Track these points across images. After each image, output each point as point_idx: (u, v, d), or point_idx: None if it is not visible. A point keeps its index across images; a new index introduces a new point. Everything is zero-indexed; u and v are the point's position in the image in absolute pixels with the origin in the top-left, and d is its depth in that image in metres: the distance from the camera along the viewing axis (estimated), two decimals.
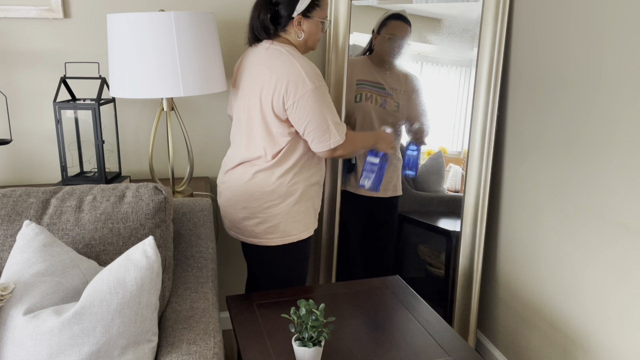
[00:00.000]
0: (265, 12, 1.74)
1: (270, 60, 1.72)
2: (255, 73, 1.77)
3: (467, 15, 2.09)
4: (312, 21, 1.77)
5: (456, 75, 2.14)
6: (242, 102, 1.83)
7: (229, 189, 1.86)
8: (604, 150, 1.60)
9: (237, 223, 1.86)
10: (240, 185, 1.82)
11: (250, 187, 1.79)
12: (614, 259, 1.59)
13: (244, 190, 1.80)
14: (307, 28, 1.78)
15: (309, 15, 1.76)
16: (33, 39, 2.12)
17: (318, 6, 1.77)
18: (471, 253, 2.21)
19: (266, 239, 1.83)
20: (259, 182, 1.79)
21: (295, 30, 1.77)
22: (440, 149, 2.22)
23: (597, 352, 1.69)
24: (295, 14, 1.74)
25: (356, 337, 1.56)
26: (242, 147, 1.84)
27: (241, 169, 1.83)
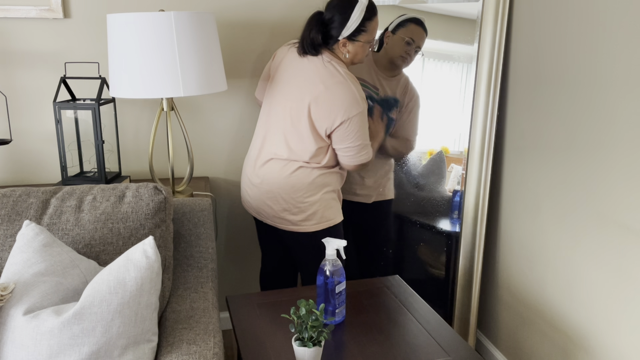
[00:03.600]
0: (317, 31, 1.83)
1: (327, 76, 1.82)
2: (308, 81, 1.84)
3: (467, 14, 2.09)
4: (358, 44, 1.87)
5: (457, 72, 2.14)
6: (285, 106, 1.89)
7: (267, 182, 1.92)
8: (604, 150, 1.60)
9: (277, 214, 1.94)
10: (281, 179, 1.89)
11: (292, 180, 1.88)
12: (614, 258, 1.59)
13: (285, 183, 1.89)
14: (352, 49, 1.88)
15: (355, 39, 1.85)
16: (33, 39, 2.12)
17: (364, 31, 1.85)
18: (471, 253, 2.21)
19: (306, 225, 1.93)
20: (300, 176, 1.89)
21: (340, 50, 1.87)
22: (442, 149, 2.21)
23: (597, 352, 1.69)
24: (340, 38, 1.84)
25: (356, 337, 1.56)
26: (278, 145, 1.90)
27: (279, 164, 1.90)
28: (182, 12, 1.78)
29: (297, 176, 1.88)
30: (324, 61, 1.84)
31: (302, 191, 1.89)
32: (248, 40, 2.29)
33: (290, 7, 2.29)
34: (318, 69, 1.84)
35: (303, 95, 1.84)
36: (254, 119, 2.38)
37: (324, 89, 1.80)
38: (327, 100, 1.80)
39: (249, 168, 2.00)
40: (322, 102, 1.81)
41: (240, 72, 2.32)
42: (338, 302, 1.60)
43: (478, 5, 2.05)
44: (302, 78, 1.85)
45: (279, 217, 1.94)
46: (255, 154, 1.98)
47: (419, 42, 2.18)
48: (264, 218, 2.00)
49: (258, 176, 1.95)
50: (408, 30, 2.19)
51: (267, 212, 1.96)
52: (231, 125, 2.36)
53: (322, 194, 1.92)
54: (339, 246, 1.56)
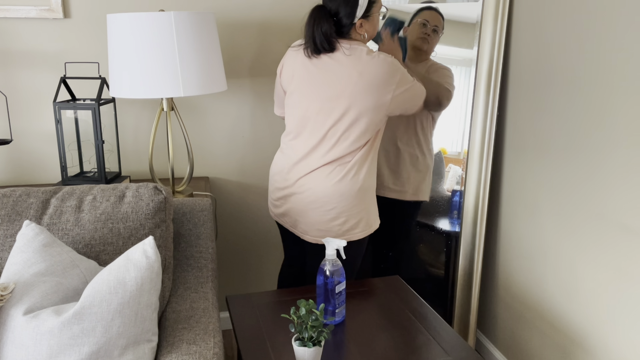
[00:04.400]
0: (328, 25, 1.75)
1: (356, 63, 1.75)
2: (340, 76, 1.76)
3: (467, 15, 2.09)
4: (372, 17, 1.81)
5: (457, 76, 2.14)
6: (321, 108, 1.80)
7: (311, 191, 1.82)
8: (604, 150, 1.60)
9: (320, 225, 1.84)
10: (329, 186, 1.80)
11: (341, 187, 1.80)
12: (614, 258, 1.59)
13: (334, 190, 1.80)
14: (369, 27, 1.82)
15: (369, 15, 1.79)
16: (33, 39, 2.12)
17: (374, 2, 1.79)
18: (471, 253, 2.21)
19: (350, 234, 1.86)
20: (350, 181, 1.81)
21: (358, 32, 1.81)
22: (440, 150, 2.22)
23: (597, 352, 1.69)
24: (356, 20, 1.77)
25: (356, 337, 1.56)
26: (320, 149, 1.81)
27: (325, 171, 1.81)
28: (182, 12, 1.78)
29: (346, 183, 1.80)
30: (344, 51, 1.77)
31: (351, 198, 1.81)
32: (248, 40, 2.29)
33: (290, 7, 2.29)
34: (343, 60, 1.76)
35: (341, 91, 1.75)
36: (254, 119, 2.38)
37: (359, 76, 1.73)
38: (368, 84, 1.73)
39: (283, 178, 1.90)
40: (364, 88, 1.73)
41: (240, 72, 2.32)
42: (338, 302, 1.60)
43: (478, 7, 2.05)
44: (329, 75, 1.78)
45: (320, 228, 1.85)
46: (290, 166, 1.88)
47: (435, 22, 2.17)
48: (300, 233, 1.90)
49: (302, 185, 1.85)
50: (421, 16, 2.20)
51: (306, 224, 1.87)
52: (231, 125, 2.36)
53: (367, 199, 1.86)
54: (339, 246, 1.56)
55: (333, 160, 1.81)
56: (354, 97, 1.75)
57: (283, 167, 1.90)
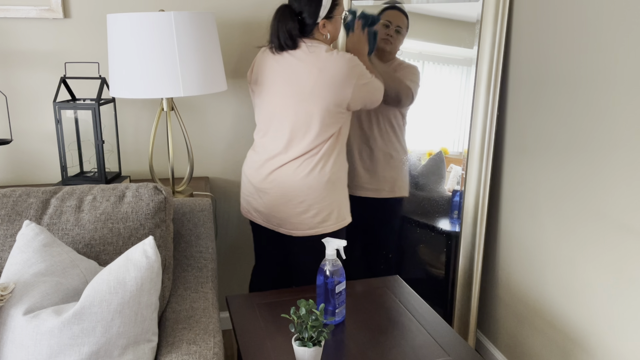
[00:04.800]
0: (292, 23, 1.82)
1: (316, 60, 1.81)
2: (299, 75, 1.82)
3: (467, 14, 2.09)
4: (335, 19, 1.88)
5: (457, 75, 2.14)
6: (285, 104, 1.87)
7: (281, 186, 1.89)
8: (604, 150, 1.60)
9: (292, 218, 1.90)
10: (297, 180, 1.87)
11: (309, 180, 1.86)
12: (614, 258, 1.59)
13: (302, 184, 1.86)
14: (331, 27, 1.89)
15: (331, 16, 1.86)
16: (33, 39, 2.12)
17: (337, 5, 1.87)
18: (471, 253, 2.21)
19: (323, 227, 1.90)
20: (317, 173, 1.87)
21: (320, 32, 1.87)
22: (441, 150, 2.22)
23: (597, 352, 1.69)
24: (319, 20, 1.84)
25: (356, 337, 1.56)
26: (286, 145, 1.87)
27: (293, 165, 1.87)
28: (182, 12, 1.78)
29: (314, 176, 1.86)
30: (307, 49, 1.83)
31: (319, 190, 1.87)
32: (248, 40, 2.29)
33: None
34: (303, 58, 1.83)
35: (301, 87, 1.82)
36: (254, 119, 2.38)
37: (319, 73, 1.79)
38: (328, 80, 1.79)
39: (255, 175, 1.96)
40: (325, 84, 1.79)
41: (240, 72, 2.32)
42: (338, 302, 1.60)
43: (478, 7, 2.05)
44: (291, 72, 1.84)
45: (293, 222, 1.90)
46: (261, 162, 1.94)
47: (397, 22, 2.20)
48: (274, 225, 1.95)
49: (271, 181, 1.91)
50: (384, 16, 2.23)
51: (279, 218, 1.92)
52: (231, 125, 2.36)
53: (337, 192, 1.91)
54: (339, 246, 1.56)
55: (300, 154, 1.86)
56: (315, 93, 1.81)
57: (253, 164, 1.97)
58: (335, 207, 1.91)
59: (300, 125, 1.85)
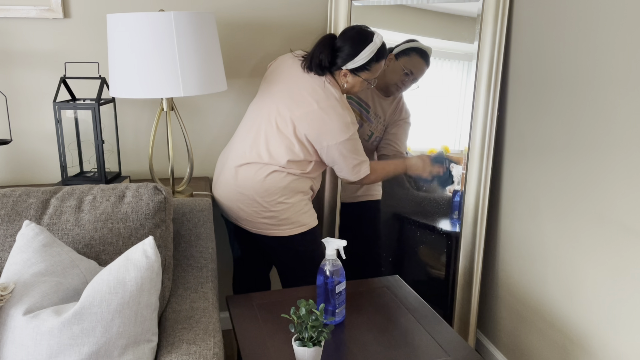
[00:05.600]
0: (327, 54, 1.85)
1: (323, 98, 1.84)
2: (304, 95, 1.85)
3: (467, 9, 2.09)
4: (358, 79, 1.90)
5: (458, 70, 2.14)
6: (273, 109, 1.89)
7: (241, 185, 1.91)
8: (604, 150, 1.60)
9: (249, 216, 1.93)
10: (255, 182, 1.89)
11: (266, 184, 1.88)
12: (614, 258, 1.59)
13: (259, 186, 1.88)
14: (350, 81, 1.91)
15: (357, 74, 1.89)
16: (33, 39, 2.12)
17: (368, 70, 1.89)
18: (471, 253, 2.21)
19: (279, 230, 1.93)
20: (274, 180, 1.88)
21: (340, 78, 1.90)
22: (443, 148, 2.21)
23: (597, 352, 1.69)
24: (344, 67, 1.86)
25: (356, 337, 1.56)
26: (257, 147, 1.90)
27: (254, 168, 1.89)
28: (182, 12, 1.78)
29: (271, 180, 1.88)
30: (324, 82, 1.87)
31: (275, 195, 1.88)
32: (248, 40, 2.29)
33: (290, 7, 2.29)
34: (317, 87, 1.85)
35: (295, 106, 1.85)
36: None
37: (317, 109, 1.82)
38: (316, 120, 1.82)
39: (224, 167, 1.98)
40: (312, 121, 1.83)
41: (240, 72, 2.32)
42: (338, 302, 1.60)
43: (478, 4, 2.05)
44: (299, 89, 1.87)
45: (251, 220, 1.93)
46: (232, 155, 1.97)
47: (418, 75, 2.19)
48: (234, 220, 1.99)
49: (233, 176, 1.94)
50: (410, 61, 2.18)
51: (238, 215, 1.95)
52: (231, 125, 2.36)
53: (295, 200, 1.92)
54: (339, 246, 1.56)
55: (260, 162, 1.88)
56: (301, 120, 1.83)
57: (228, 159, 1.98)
58: (292, 214, 1.92)
59: (275, 135, 1.87)
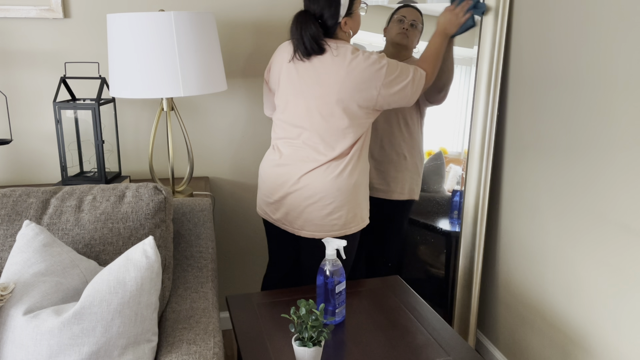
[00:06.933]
0: (315, 28, 1.80)
1: (341, 63, 1.79)
2: (326, 77, 1.81)
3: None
4: (355, 14, 1.86)
5: (457, 74, 2.14)
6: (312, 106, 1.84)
7: (308, 188, 1.86)
8: (604, 150, 1.60)
9: (318, 220, 1.87)
10: (326, 182, 1.84)
11: (338, 182, 1.85)
12: (614, 258, 1.59)
13: (331, 186, 1.85)
14: (352, 23, 1.87)
15: (351, 12, 1.84)
16: (33, 39, 2.12)
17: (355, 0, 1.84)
18: (471, 253, 2.21)
19: (347, 228, 1.89)
20: (346, 175, 1.85)
21: (343, 30, 1.86)
22: (441, 150, 2.22)
23: (597, 352, 1.69)
24: (341, 19, 1.82)
25: (356, 337, 1.56)
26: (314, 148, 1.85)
27: (322, 168, 1.85)
28: (182, 12, 1.78)
29: (343, 178, 1.84)
30: (332, 53, 1.81)
31: (347, 192, 1.85)
32: (248, 40, 2.29)
33: (290, 7, 2.29)
34: (330, 62, 1.80)
35: (330, 90, 1.80)
36: (254, 119, 2.38)
37: (346, 75, 1.78)
38: (354, 81, 1.78)
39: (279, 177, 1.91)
40: (351, 85, 1.78)
41: (240, 72, 2.32)
42: (338, 302, 1.60)
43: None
44: (319, 76, 1.81)
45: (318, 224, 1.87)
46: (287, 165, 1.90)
47: (412, 17, 2.19)
48: (296, 228, 1.92)
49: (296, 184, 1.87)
50: (399, 13, 2.22)
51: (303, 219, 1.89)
52: (231, 125, 2.36)
53: (361, 194, 1.90)
54: (338, 246, 1.56)
55: (331, 158, 1.84)
56: (342, 95, 1.79)
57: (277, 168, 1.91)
58: (359, 211, 1.90)
59: (328, 128, 1.83)
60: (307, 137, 1.86)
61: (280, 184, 1.91)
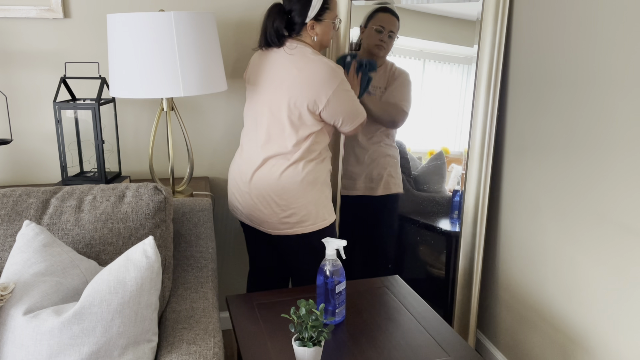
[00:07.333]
0: (280, 21, 1.84)
1: (297, 60, 1.82)
2: (279, 73, 1.84)
3: (467, 12, 2.09)
4: (324, 23, 1.88)
5: (457, 73, 2.14)
6: (264, 101, 1.88)
7: (258, 187, 1.89)
8: (604, 150, 1.60)
9: (269, 218, 1.90)
10: (272, 181, 1.87)
11: (282, 181, 1.86)
12: (614, 258, 1.59)
13: (276, 184, 1.87)
14: (319, 30, 1.88)
15: (321, 19, 1.87)
16: (33, 39, 2.12)
17: (328, 9, 1.87)
18: (471, 253, 2.21)
19: (301, 227, 1.90)
20: (290, 174, 1.86)
21: (309, 33, 1.87)
22: (442, 149, 2.22)
23: (597, 352, 1.69)
24: (307, 20, 1.84)
25: (356, 337, 1.56)
26: (264, 144, 1.89)
27: (267, 166, 1.88)
28: (182, 12, 1.78)
29: (287, 176, 1.85)
30: (290, 48, 1.85)
31: (293, 191, 1.86)
32: (248, 40, 2.29)
33: None
34: (286, 56, 1.84)
35: (281, 87, 1.83)
36: None
37: (298, 72, 1.80)
38: (304, 81, 1.79)
39: (238, 175, 1.97)
40: (300, 84, 1.80)
41: (240, 72, 2.32)
42: (338, 302, 1.60)
43: (478, 6, 2.05)
44: (273, 70, 1.85)
45: (271, 222, 1.91)
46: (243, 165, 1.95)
47: (390, 27, 2.20)
48: (256, 224, 1.96)
49: (249, 183, 1.92)
50: (376, 20, 2.22)
51: (258, 218, 1.93)
52: (231, 125, 2.36)
53: (315, 192, 1.89)
54: (339, 246, 1.56)
55: (274, 154, 1.87)
56: (291, 91, 1.81)
57: (238, 167, 1.97)
58: (312, 208, 1.89)
59: (274, 123, 1.86)
60: (256, 134, 1.91)
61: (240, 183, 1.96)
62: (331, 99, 1.81)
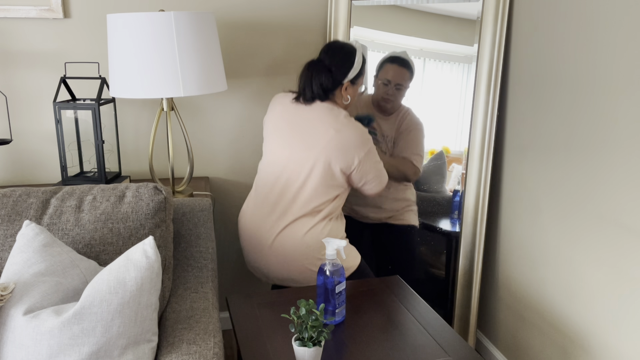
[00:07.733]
0: (326, 76, 1.85)
1: (334, 121, 1.84)
2: (315, 131, 1.84)
3: (467, 11, 2.09)
4: (355, 88, 1.93)
5: (458, 72, 2.14)
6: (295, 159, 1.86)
7: (284, 246, 1.88)
8: (604, 150, 1.60)
9: (298, 274, 1.90)
10: (297, 239, 1.87)
11: (307, 239, 1.87)
12: (614, 258, 1.59)
13: (301, 242, 1.87)
14: (351, 93, 1.92)
15: (355, 82, 1.91)
16: (33, 39, 2.12)
17: (362, 74, 1.91)
18: (471, 253, 2.21)
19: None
20: (315, 232, 1.87)
21: (342, 94, 1.90)
22: (443, 149, 2.21)
23: (597, 352, 1.69)
24: (345, 81, 1.87)
25: (356, 337, 1.56)
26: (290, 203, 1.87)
27: (293, 228, 1.87)
28: (182, 12, 1.78)
29: (311, 235, 1.86)
30: (328, 107, 1.86)
31: (319, 244, 1.87)
32: (248, 40, 2.29)
33: (290, 7, 2.29)
34: (324, 115, 1.84)
35: (314, 143, 1.83)
36: (254, 119, 2.38)
37: (335, 133, 1.82)
38: (341, 143, 1.81)
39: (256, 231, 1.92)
40: (337, 146, 1.81)
41: (240, 72, 2.32)
42: (338, 302, 1.60)
43: (478, 5, 2.05)
44: (309, 127, 1.85)
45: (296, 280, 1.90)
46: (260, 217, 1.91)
47: (397, 80, 2.20)
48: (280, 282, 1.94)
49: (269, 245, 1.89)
50: (383, 72, 2.23)
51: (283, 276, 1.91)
52: (231, 125, 2.36)
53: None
54: (339, 246, 1.56)
55: (303, 214, 1.86)
56: (327, 152, 1.82)
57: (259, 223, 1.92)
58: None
59: (305, 182, 1.85)
60: (286, 189, 1.87)
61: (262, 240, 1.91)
62: (362, 161, 1.85)
